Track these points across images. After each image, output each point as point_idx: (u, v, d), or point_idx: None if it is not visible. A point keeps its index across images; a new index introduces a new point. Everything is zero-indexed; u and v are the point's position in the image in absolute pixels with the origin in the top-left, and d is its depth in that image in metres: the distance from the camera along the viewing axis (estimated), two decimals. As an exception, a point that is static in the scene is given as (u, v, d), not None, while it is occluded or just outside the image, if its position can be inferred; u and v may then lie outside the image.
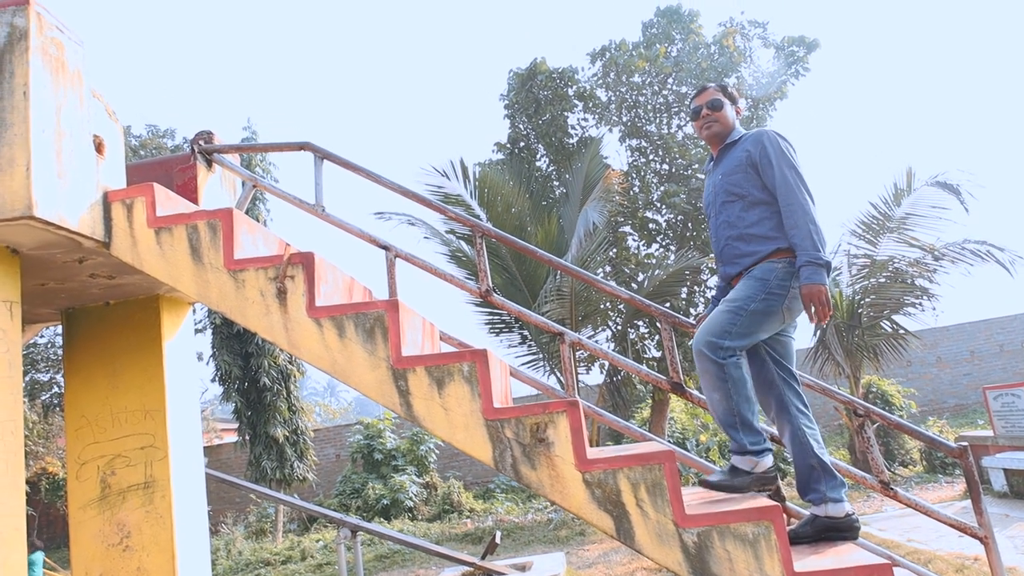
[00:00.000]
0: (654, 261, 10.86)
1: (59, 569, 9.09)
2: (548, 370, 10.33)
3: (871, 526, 7.16)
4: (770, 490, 2.73)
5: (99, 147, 3.15)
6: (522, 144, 11.93)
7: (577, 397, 3.01)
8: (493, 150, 12.18)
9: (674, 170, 11.16)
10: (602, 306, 10.38)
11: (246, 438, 11.97)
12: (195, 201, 3.67)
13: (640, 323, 10.65)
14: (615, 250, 10.70)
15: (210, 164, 3.93)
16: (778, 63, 11.46)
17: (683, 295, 10.68)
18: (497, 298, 3.69)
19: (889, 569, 2.23)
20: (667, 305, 9.91)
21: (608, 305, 10.56)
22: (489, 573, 5.34)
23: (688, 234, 10.98)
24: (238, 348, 11.67)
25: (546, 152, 11.89)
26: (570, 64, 11.75)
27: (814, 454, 2.71)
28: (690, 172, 10.92)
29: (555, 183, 11.83)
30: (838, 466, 2.88)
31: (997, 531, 3.91)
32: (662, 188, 10.89)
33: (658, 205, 10.97)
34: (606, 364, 10.72)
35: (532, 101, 11.53)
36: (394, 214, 10.04)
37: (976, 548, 5.35)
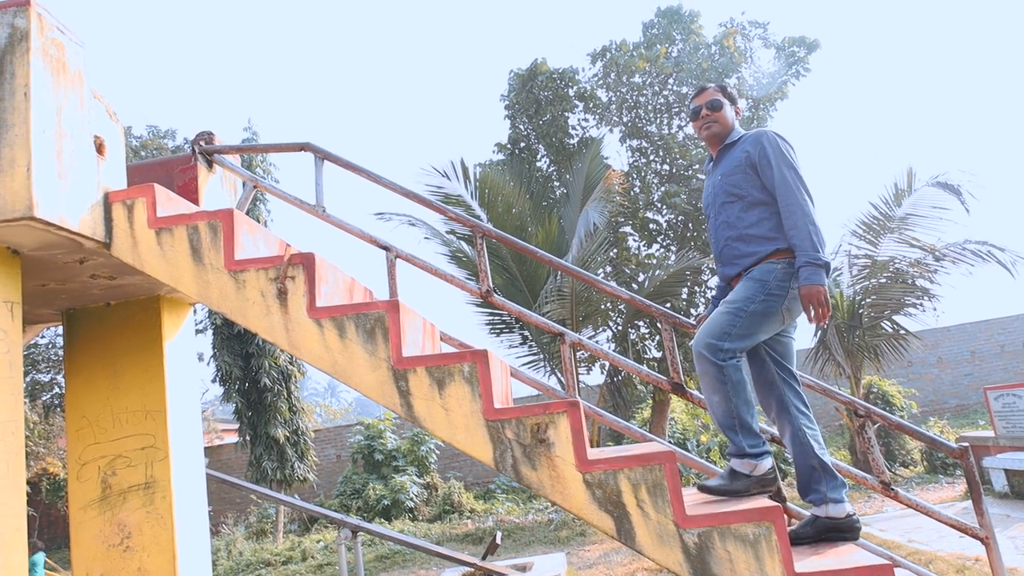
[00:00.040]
0: (655, 261, 10.86)
1: (60, 570, 9.09)
2: (549, 370, 10.33)
3: (872, 527, 7.16)
4: (770, 491, 2.73)
5: (100, 148, 3.15)
6: (523, 144, 11.93)
7: (578, 397, 3.01)
8: (493, 150, 12.19)
9: (675, 170, 11.16)
10: (603, 306, 10.39)
11: (247, 439, 11.98)
12: (196, 202, 3.68)
13: (641, 323, 10.65)
14: (616, 250, 10.70)
15: (211, 165, 3.93)
16: (779, 63, 11.46)
17: (684, 295, 10.68)
18: (498, 298, 3.69)
19: (890, 570, 2.23)
20: (668, 305, 9.91)
21: (609, 305, 10.56)
22: (490, 574, 5.34)
23: (689, 234, 10.98)
24: (239, 349, 11.68)
25: (547, 152, 11.89)
26: (571, 65, 11.77)
27: (815, 455, 2.71)
28: (691, 172, 10.92)
29: (556, 183, 11.83)
30: (839, 467, 2.88)
31: (998, 532, 3.91)
32: (663, 188, 10.89)
33: (659, 205, 10.97)
34: (607, 364, 10.72)
35: (533, 101, 11.54)
36: (395, 215, 10.05)
37: (977, 549, 5.35)
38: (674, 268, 9.79)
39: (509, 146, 12.00)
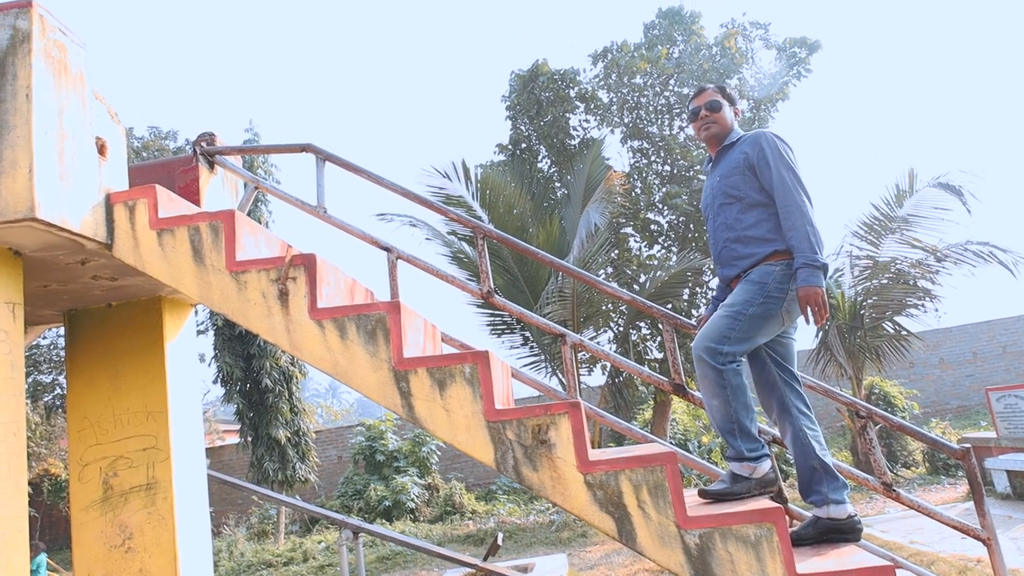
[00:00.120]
0: (656, 262, 10.86)
1: (61, 571, 9.11)
2: (550, 371, 10.33)
3: (873, 528, 7.15)
4: (771, 492, 2.73)
5: (101, 149, 3.15)
6: (524, 145, 11.94)
7: (579, 398, 3.00)
8: (495, 151, 12.19)
9: (676, 171, 11.16)
10: (604, 307, 10.38)
11: (248, 439, 11.99)
12: (197, 203, 3.68)
13: (642, 324, 10.65)
14: (617, 251, 10.70)
15: (212, 166, 3.93)
16: (780, 64, 11.46)
17: (685, 296, 10.68)
18: (499, 299, 3.69)
19: (892, 571, 2.23)
20: (669, 306, 9.91)
21: (610, 306, 10.56)
22: (491, 575, 5.34)
23: (690, 235, 10.98)
24: (240, 350, 11.69)
25: (548, 153, 11.90)
26: (572, 65, 11.79)
27: (816, 456, 2.70)
28: (692, 173, 10.92)
29: (557, 184, 11.83)
30: (840, 468, 2.87)
31: (1000, 533, 3.90)
32: (664, 189, 10.90)
33: (660, 206, 10.97)
34: (608, 366, 10.72)
35: (534, 102, 11.54)
36: (396, 216, 10.06)
37: (979, 550, 5.34)
38: (675, 269, 9.78)
39: (510, 147, 12.00)
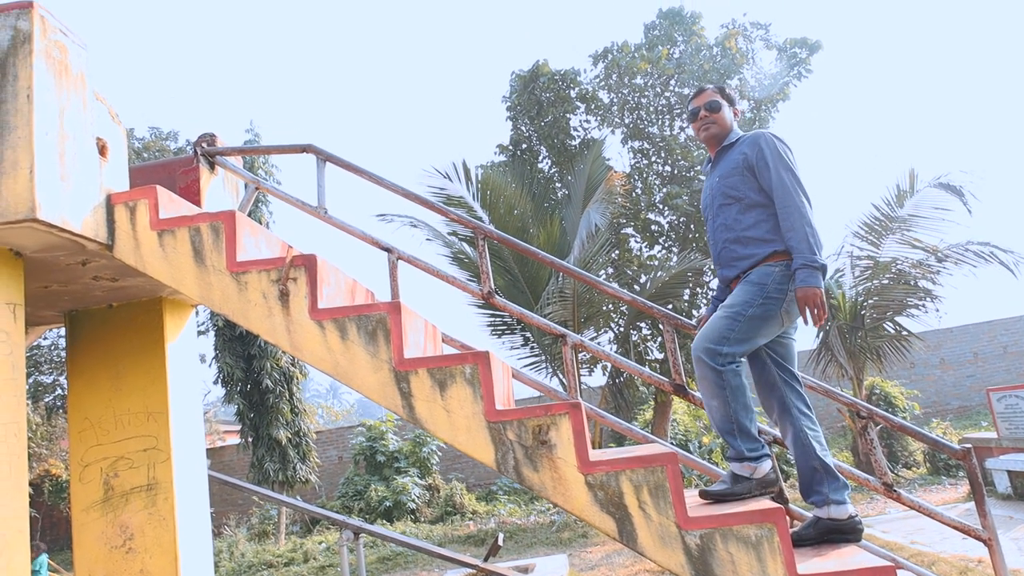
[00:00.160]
0: (656, 263, 10.86)
1: (62, 571, 9.11)
2: (550, 372, 10.33)
3: (874, 528, 7.15)
4: (772, 493, 2.73)
5: (102, 150, 3.16)
6: (524, 146, 11.93)
7: (579, 399, 3.00)
8: (495, 152, 12.19)
9: (676, 172, 11.16)
10: (604, 308, 10.38)
11: (248, 440, 11.99)
12: (198, 203, 3.68)
13: (642, 325, 10.64)
14: (617, 252, 10.69)
15: (213, 166, 3.93)
16: (780, 65, 11.45)
17: (685, 297, 10.67)
18: (499, 300, 3.69)
19: (892, 571, 2.23)
20: (669, 307, 9.90)
21: (610, 307, 10.56)
22: (491, 575, 5.34)
23: (690, 236, 10.97)
24: (240, 350, 11.69)
25: (548, 154, 11.89)
26: (572, 66, 11.77)
27: (816, 456, 2.70)
28: (692, 174, 10.92)
29: (557, 185, 11.83)
30: (841, 468, 2.87)
31: (1001, 533, 3.90)
32: (664, 190, 10.89)
33: (660, 207, 10.97)
34: (608, 366, 10.72)
35: (534, 103, 11.54)
36: (396, 216, 10.05)
37: (980, 550, 5.33)
38: (676, 269, 9.78)
39: (511, 147, 12.00)
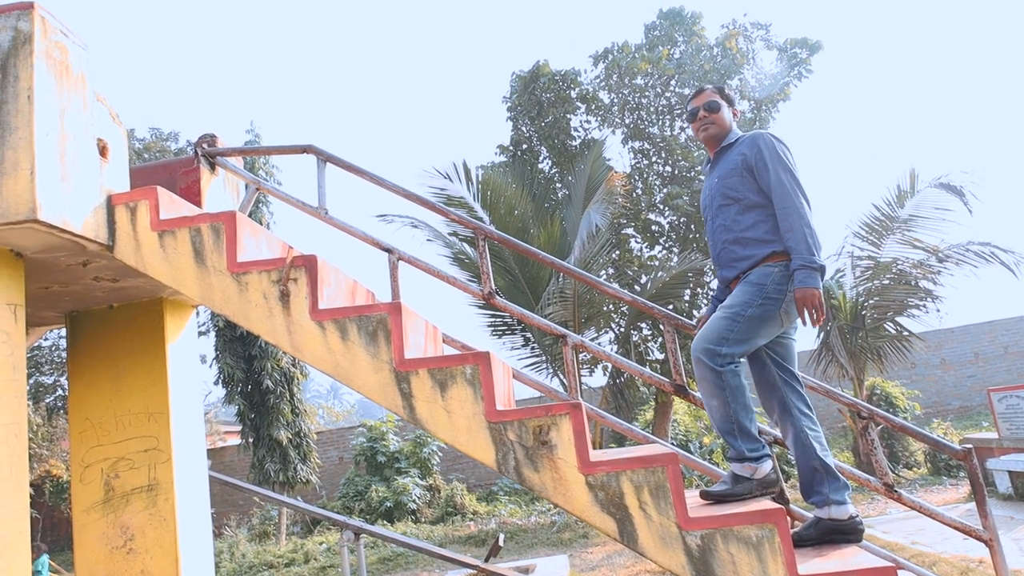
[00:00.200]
0: (657, 263, 10.86)
1: (63, 572, 9.11)
2: (551, 372, 10.33)
3: (875, 528, 7.14)
4: (773, 493, 2.73)
5: (103, 150, 3.16)
6: (525, 146, 11.94)
7: (580, 399, 3.00)
8: (496, 152, 12.19)
9: (677, 172, 11.16)
10: (605, 308, 10.38)
11: (249, 441, 12.00)
12: (198, 204, 3.68)
13: (643, 325, 10.64)
14: (618, 252, 10.69)
15: (213, 167, 3.93)
16: (781, 65, 11.45)
17: (686, 297, 10.67)
18: (500, 300, 3.69)
19: (893, 572, 2.23)
20: (670, 307, 9.90)
21: (611, 307, 10.56)
22: (492, 576, 5.33)
23: (691, 236, 10.97)
24: (241, 351, 11.70)
25: (549, 154, 11.90)
26: (573, 66, 11.78)
27: (817, 456, 2.70)
28: (693, 174, 10.92)
29: (558, 185, 11.83)
30: (842, 468, 2.87)
31: (1002, 533, 3.89)
32: (665, 190, 10.89)
33: (661, 207, 10.97)
34: (609, 366, 10.71)
35: (535, 103, 11.54)
36: (397, 217, 10.05)
37: (981, 551, 5.32)
38: (676, 270, 9.78)
39: (511, 148, 12.01)
